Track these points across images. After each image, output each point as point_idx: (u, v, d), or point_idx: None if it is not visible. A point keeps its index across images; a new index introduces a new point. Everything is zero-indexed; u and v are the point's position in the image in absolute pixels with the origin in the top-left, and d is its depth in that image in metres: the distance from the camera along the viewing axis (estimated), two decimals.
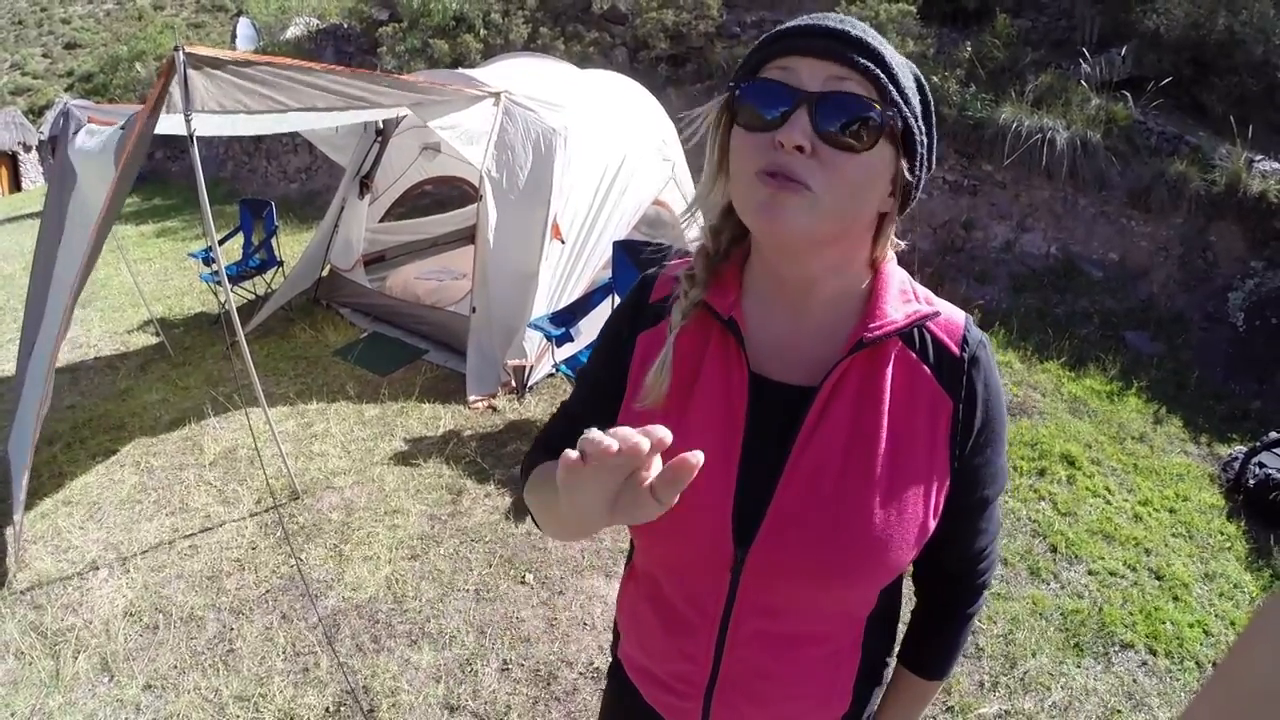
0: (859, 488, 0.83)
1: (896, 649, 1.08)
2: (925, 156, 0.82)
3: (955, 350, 0.86)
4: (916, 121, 0.79)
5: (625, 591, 1.10)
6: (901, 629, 1.08)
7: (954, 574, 1.01)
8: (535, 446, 1.07)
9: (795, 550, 0.84)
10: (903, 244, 0.92)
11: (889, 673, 1.08)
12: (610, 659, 1.18)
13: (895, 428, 0.84)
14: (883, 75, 0.75)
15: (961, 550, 0.97)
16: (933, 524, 0.87)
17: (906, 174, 0.80)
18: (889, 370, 0.85)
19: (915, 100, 0.80)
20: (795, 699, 0.96)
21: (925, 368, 0.86)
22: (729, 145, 0.82)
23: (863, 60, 0.75)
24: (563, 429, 1.04)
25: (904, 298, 0.87)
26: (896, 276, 0.89)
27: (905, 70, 0.80)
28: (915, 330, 0.86)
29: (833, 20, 0.78)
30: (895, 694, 1.09)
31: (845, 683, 0.98)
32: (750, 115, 0.78)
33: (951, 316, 0.89)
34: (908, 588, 1.05)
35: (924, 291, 0.91)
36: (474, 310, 4.54)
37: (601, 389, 0.99)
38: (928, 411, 0.85)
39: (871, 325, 0.83)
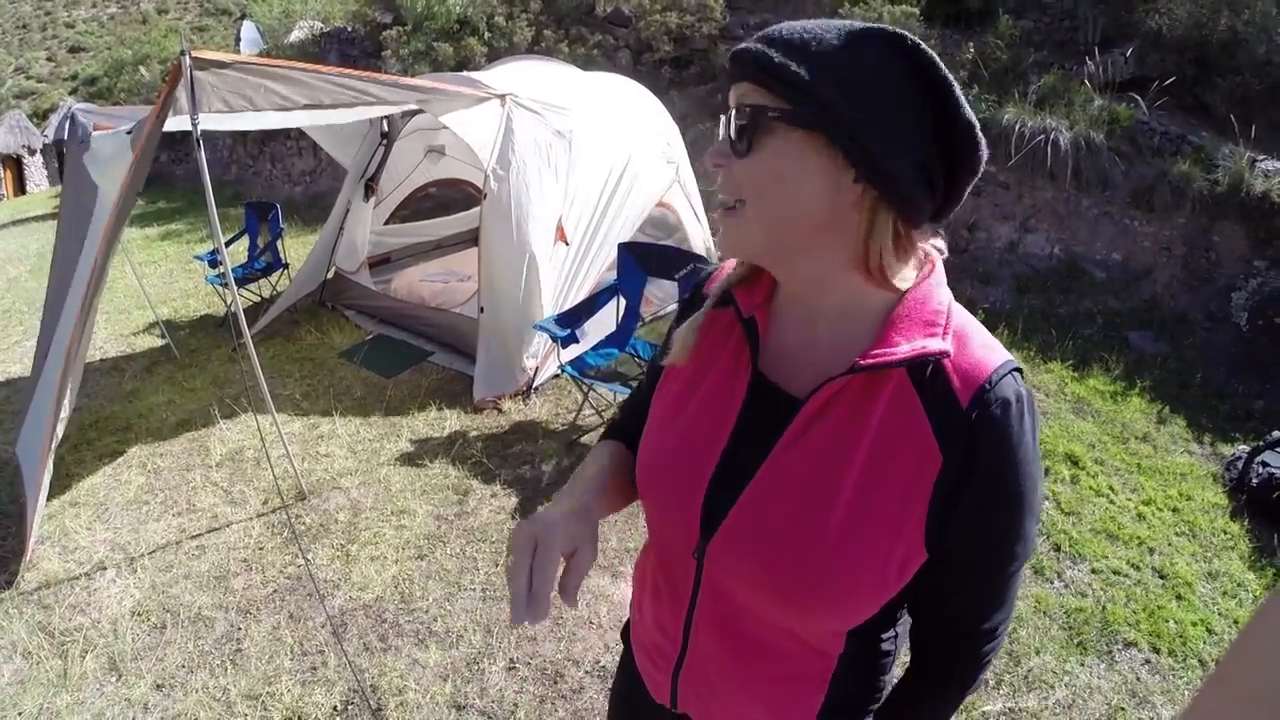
0: (818, 510, 0.81)
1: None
2: (855, 128, 0.73)
3: (963, 403, 0.77)
4: (824, 97, 0.73)
5: (643, 557, 1.14)
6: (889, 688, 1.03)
7: (947, 647, 0.95)
8: (612, 421, 1.20)
9: (745, 555, 0.86)
10: (937, 253, 0.85)
11: None
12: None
13: (872, 462, 0.80)
14: (765, 75, 0.75)
15: (954, 625, 0.92)
16: (896, 584, 0.82)
17: (848, 160, 0.74)
18: (884, 401, 0.80)
19: (850, 71, 0.74)
20: (751, 705, 0.97)
21: (923, 412, 0.79)
22: None
23: (750, 69, 0.77)
24: (627, 412, 1.17)
25: (928, 329, 0.79)
26: (929, 304, 0.81)
27: (828, 49, 0.75)
28: (931, 368, 0.79)
29: (750, 41, 0.79)
30: None
31: (808, 713, 0.96)
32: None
33: (979, 363, 0.79)
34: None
35: (961, 324, 0.82)
36: (481, 311, 4.55)
37: (656, 372, 1.05)
38: (912, 459, 0.78)
39: (872, 352, 0.79)
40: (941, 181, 0.78)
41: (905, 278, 0.83)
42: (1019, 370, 0.80)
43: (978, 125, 0.76)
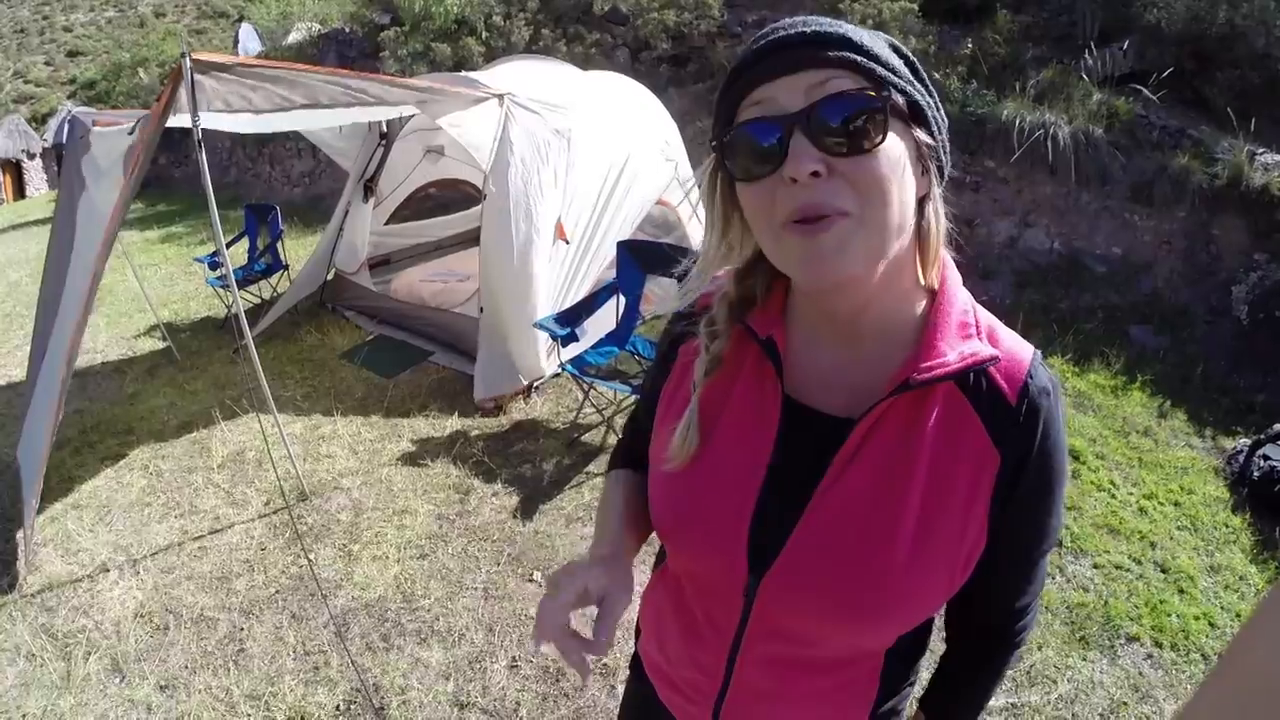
0: (885, 533, 0.78)
1: (918, 687, 1.03)
2: (937, 118, 0.75)
3: (1011, 400, 0.77)
4: (912, 85, 0.72)
5: (652, 590, 1.08)
6: (925, 666, 1.02)
7: (989, 627, 0.96)
8: (617, 447, 1.15)
9: (810, 586, 0.81)
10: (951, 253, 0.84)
11: (908, 705, 1.01)
12: (633, 651, 1.18)
13: (933, 476, 0.78)
14: (860, 57, 0.69)
15: (998, 605, 0.92)
16: (961, 579, 0.81)
17: (929, 139, 0.74)
18: (935, 413, 0.78)
19: (901, 65, 0.73)
20: None
21: (976, 416, 0.78)
22: (732, 200, 0.79)
23: (834, 52, 0.69)
24: (629, 436, 1.12)
25: (963, 331, 0.78)
26: (957, 304, 0.80)
27: (878, 41, 0.73)
28: (971, 370, 0.77)
29: (785, 29, 0.72)
30: None
31: (860, 713, 0.93)
32: (746, 166, 0.73)
33: (1015, 357, 0.79)
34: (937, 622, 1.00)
35: (988, 322, 0.81)
36: (481, 311, 4.55)
37: (651, 399, 1.01)
38: (972, 464, 0.78)
39: (922, 365, 0.75)
40: None
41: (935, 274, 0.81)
42: (1041, 356, 0.81)
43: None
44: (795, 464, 0.82)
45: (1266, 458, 3.84)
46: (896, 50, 0.75)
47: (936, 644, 1.01)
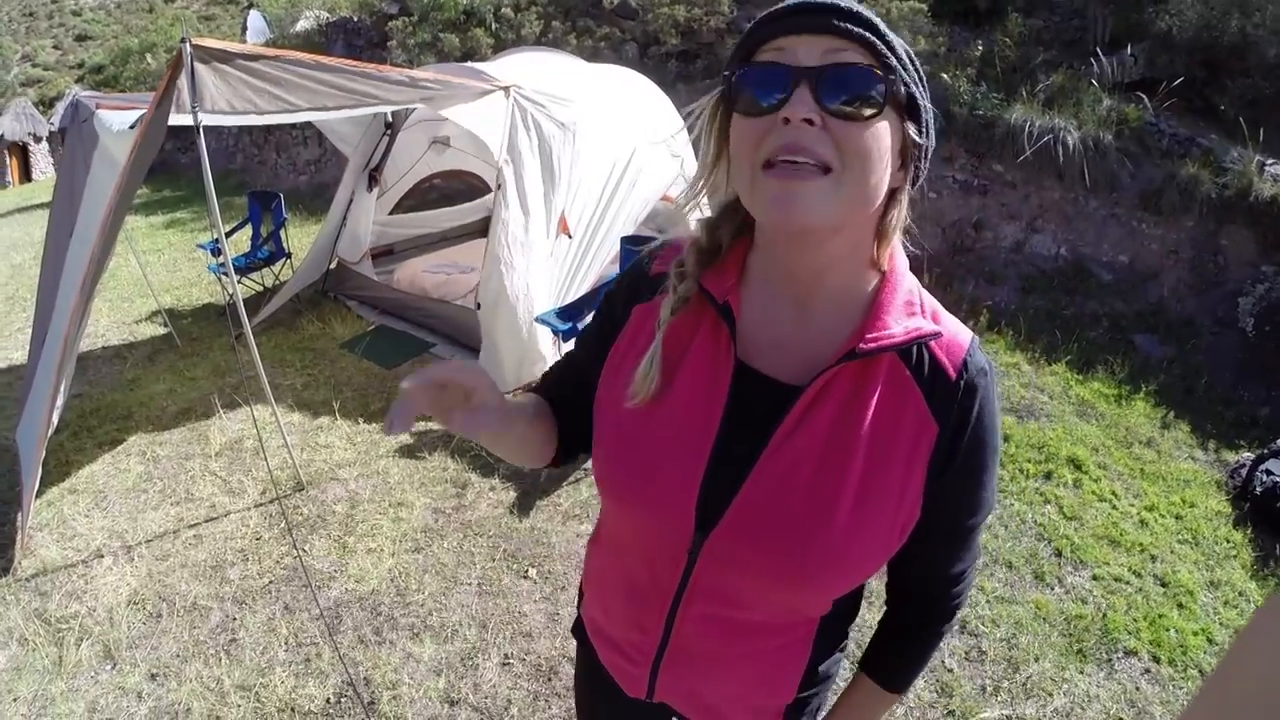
0: (827, 497, 0.82)
1: (853, 649, 1.09)
2: (929, 123, 0.79)
3: (951, 374, 0.83)
4: (917, 86, 0.77)
5: (592, 554, 1.14)
6: (858, 632, 1.08)
7: (926, 595, 1.00)
8: (541, 380, 1.15)
9: (752, 547, 0.85)
10: (911, 247, 0.89)
11: (839, 668, 1.09)
12: (575, 617, 1.23)
13: (874, 444, 0.82)
14: (879, 42, 0.74)
15: (934, 573, 0.96)
16: (896, 546, 0.86)
17: (916, 137, 0.78)
18: (879, 383, 0.83)
19: (911, 65, 0.78)
20: (738, 682, 0.99)
21: (917, 388, 0.83)
22: (728, 136, 0.81)
23: (858, 29, 0.73)
24: (557, 372, 1.13)
25: (909, 309, 0.83)
26: (904, 284, 0.85)
27: (897, 39, 0.78)
28: (914, 345, 0.83)
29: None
30: (851, 699, 1.09)
31: (793, 674, 0.99)
32: (749, 101, 0.76)
33: (956, 337, 0.85)
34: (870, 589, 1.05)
35: (931, 303, 0.87)
36: (479, 306, 4.53)
37: (589, 348, 1.03)
38: (911, 433, 0.83)
39: (869, 336, 0.80)
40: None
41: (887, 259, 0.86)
42: (978, 340, 0.88)
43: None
44: (744, 427, 0.86)
45: (1269, 473, 3.82)
46: (911, 57, 0.79)
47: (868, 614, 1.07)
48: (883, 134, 0.74)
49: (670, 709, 1.08)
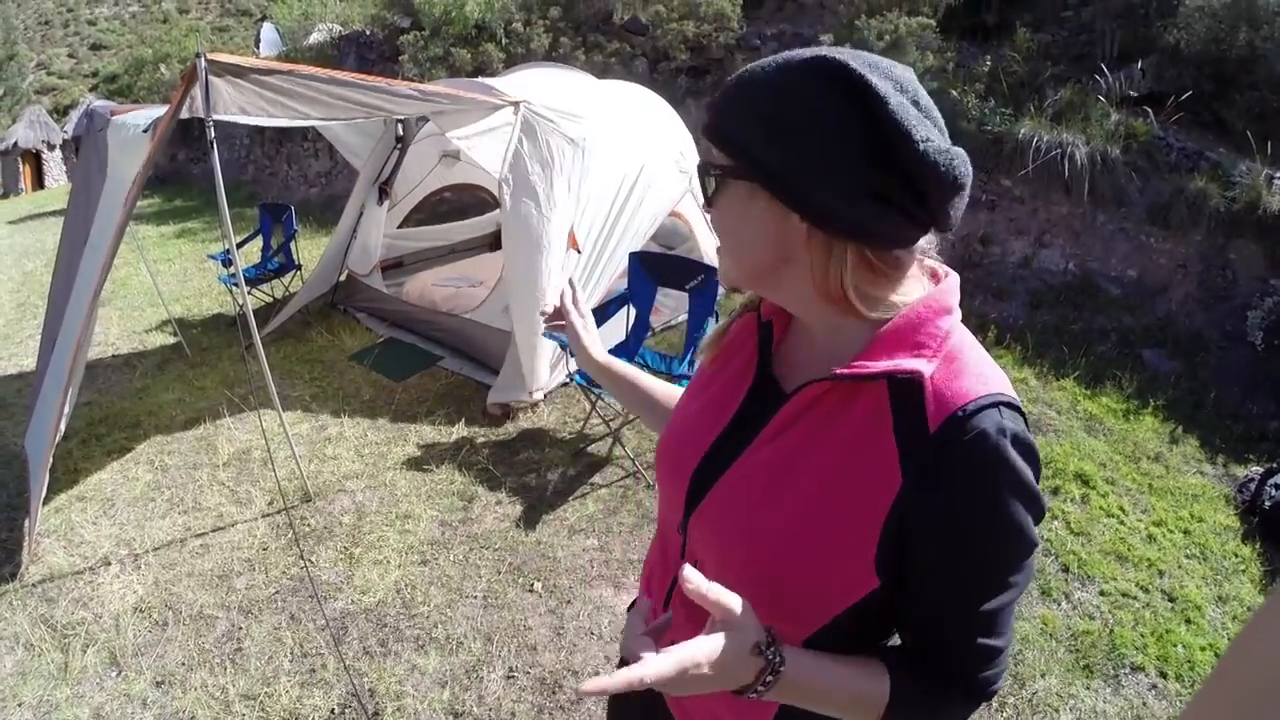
0: (774, 506, 0.85)
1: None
2: (801, 184, 0.76)
3: (930, 428, 0.76)
4: (751, 152, 0.78)
5: (650, 550, 1.20)
6: None
7: (942, 673, 0.85)
8: None
9: (716, 534, 0.92)
10: (942, 271, 0.88)
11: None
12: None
13: (834, 473, 0.81)
14: (712, 137, 0.84)
15: (940, 652, 0.84)
16: (839, 596, 0.81)
17: (791, 207, 0.77)
18: (859, 413, 0.81)
19: (776, 130, 0.76)
20: (716, 697, 0.91)
21: (892, 432, 0.78)
22: None
23: (707, 132, 0.85)
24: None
25: (915, 348, 0.79)
26: (929, 325, 0.80)
27: (766, 105, 0.77)
28: (911, 387, 0.78)
29: (716, 95, 0.85)
30: (849, 664, 0.86)
31: (765, 712, 0.92)
32: None
33: (961, 389, 0.76)
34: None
35: (959, 350, 0.80)
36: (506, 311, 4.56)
37: None
38: (873, 477, 0.78)
39: (853, 363, 0.80)
40: (913, 203, 0.75)
41: (896, 298, 0.82)
42: (1014, 408, 0.77)
43: (928, 145, 0.73)
44: (746, 428, 0.93)
45: (1278, 487, 3.79)
46: (797, 112, 0.76)
47: None
48: (726, 208, 0.86)
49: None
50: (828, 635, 0.86)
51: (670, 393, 1.27)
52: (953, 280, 0.87)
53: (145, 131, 3.59)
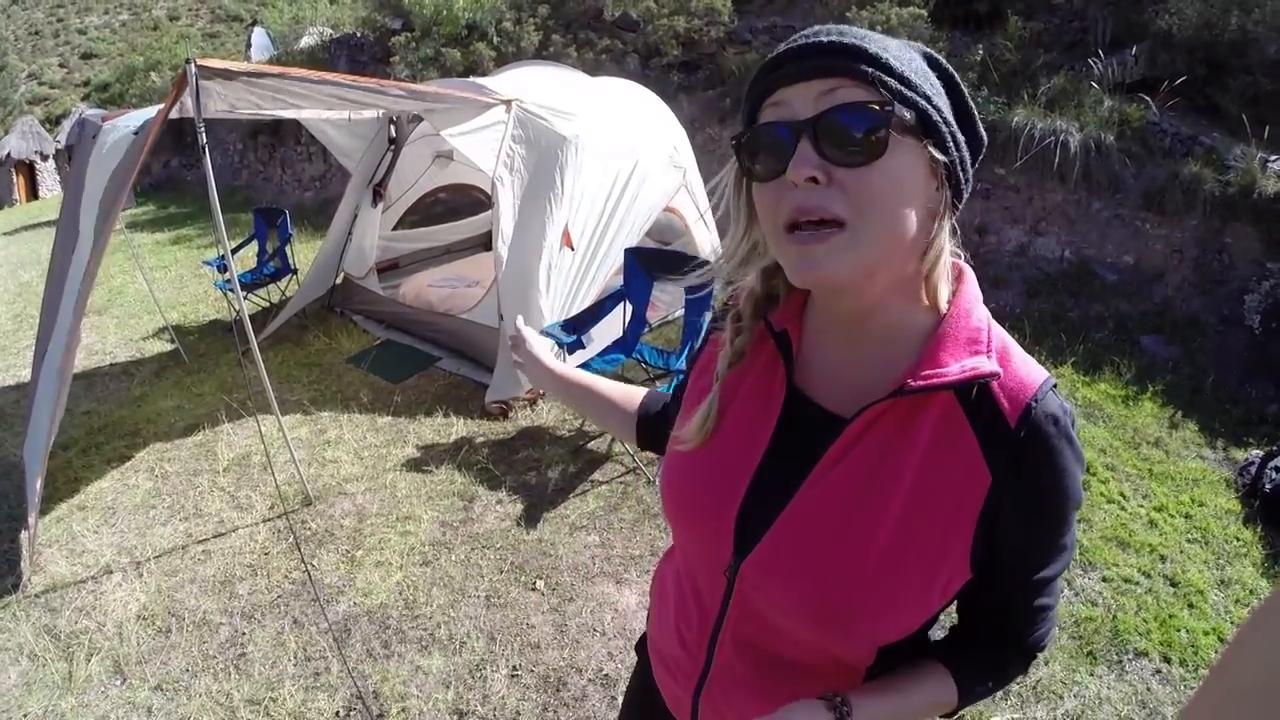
0: (859, 535, 0.78)
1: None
2: (953, 134, 0.74)
3: (1011, 423, 0.75)
4: (929, 101, 0.72)
5: (662, 566, 1.13)
6: None
7: (999, 641, 0.91)
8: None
9: (781, 575, 0.82)
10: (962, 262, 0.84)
11: None
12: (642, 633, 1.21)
13: (918, 488, 0.77)
14: (869, 67, 0.70)
15: (1002, 626, 0.89)
16: (938, 603, 0.81)
17: (941, 155, 0.73)
18: (930, 424, 0.78)
19: (927, 80, 0.74)
20: None
21: (972, 433, 0.76)
22: (753, 200, 0.80)
23: (844, 62, 0.70)
24: (660, 412, 1.19)
25: (972, 346, 0.77)
26: (972, 318, 0.80)
27: (904, 52, 0.74)
28: (975, 386, 0.76)
29: (806, 36, 0.74)
30: (908, 678, 0.90)
31: None
32: (759, 166, 0.75)
33: (1023, 381, 0.77)
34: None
35: (1001, 340, 0.80)
36: (501, 319, 4.55)
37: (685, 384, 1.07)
38: (960, 481, 0.77)
39: (922, 373, 0.76)
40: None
41: (945, 291, 0.81)
42: (1055, 385, 0.79)
43: (981, 126, 0.79)
44: (791, 455, 0.84)
45: (1278, 470, 3.79)
46: (934, 63, 0.77)
47: None
48: (896, 169, 0.70)
49: None
50: (903, 642, 0.85)
51: (629, 395, 1.23)
52: (968, 268, 0.85)
53: (136, 134, 3.58)
